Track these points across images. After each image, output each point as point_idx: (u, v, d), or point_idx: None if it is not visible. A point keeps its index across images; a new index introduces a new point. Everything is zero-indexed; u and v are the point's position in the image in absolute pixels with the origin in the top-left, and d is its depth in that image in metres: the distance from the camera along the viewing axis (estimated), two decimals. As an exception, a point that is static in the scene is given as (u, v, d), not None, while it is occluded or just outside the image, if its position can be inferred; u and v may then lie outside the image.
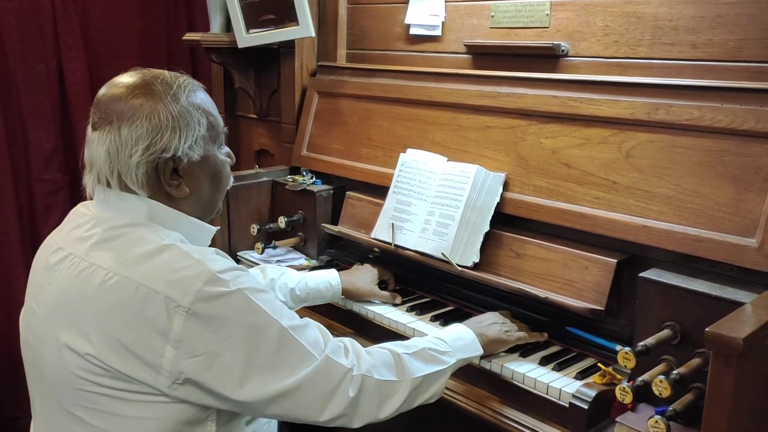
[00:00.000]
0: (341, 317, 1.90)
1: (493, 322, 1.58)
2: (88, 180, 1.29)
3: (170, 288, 1.13)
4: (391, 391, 1.30)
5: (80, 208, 1.33)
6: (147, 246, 1.18)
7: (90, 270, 1.19)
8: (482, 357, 1.53)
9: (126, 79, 1.27)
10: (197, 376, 1.14)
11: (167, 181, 1.26)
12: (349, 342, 1.31)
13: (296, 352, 1.20)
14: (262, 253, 2.15)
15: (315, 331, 1.26)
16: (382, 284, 1.95)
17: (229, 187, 1.40)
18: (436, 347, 1.42)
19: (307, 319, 1.27)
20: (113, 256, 1.18)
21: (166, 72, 1.30)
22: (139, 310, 1.13)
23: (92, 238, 1.23)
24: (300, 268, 2.09)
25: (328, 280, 1.85)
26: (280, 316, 1.20)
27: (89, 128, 1.27)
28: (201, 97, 1.30)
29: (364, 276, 1.91)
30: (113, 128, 1.21)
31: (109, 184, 1.25)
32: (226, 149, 1.38)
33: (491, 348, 1.53)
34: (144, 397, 1.15)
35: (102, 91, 1.27)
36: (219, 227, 1.40)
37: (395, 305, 1.88)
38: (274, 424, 1.46)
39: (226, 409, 1.20)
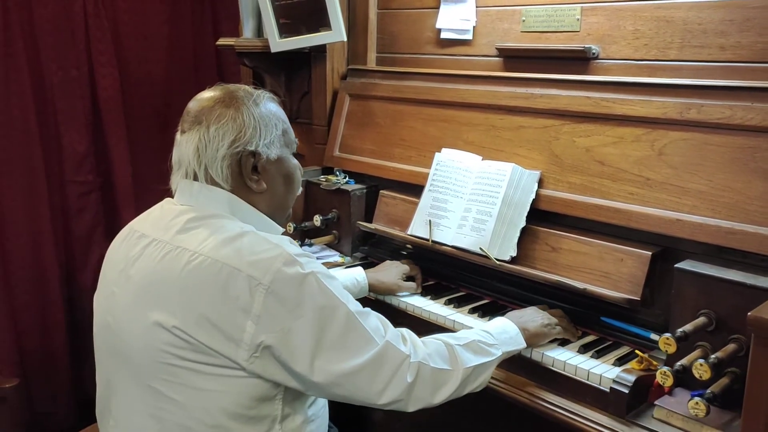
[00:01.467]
0: (382, 311, 1.93)
1: (534, 317, 1.65)
2: (174, 178, 1.42)
3: (252, 268, 1.23)
4: (444, 380, 1.38)
5: (164, 204, 1.44)
6: (228, 232, 1.29)
7: (175, 252, 1.29)
8: (524, 349, 1.59)
9: (213, 92, 1.42)
10: (273, 350, 1.23)
11: (248, 175, 1.39)
12: (406, 331, 1.40)
13: (361, 335, 1.28)
14: (298, 250, 2.22)
15: (375, 319, 1.35)
16: (410, 280, 2.01)
17: (298, 193, 1.53)
18: (485, 340, 1.49)
19: (368, 308, 1.36)
20: (198, 240, 1.29)
21: (245, 85, 1.46)
22: (222, 288, 1.23)
23: (177, 226, 1.34)
24: (335, 265, 2.17)
25: (354, 277, 1.93)
26: (346, 300, 1.30)
27: (178, 134, 1.41)
28: (276, 107, 1.46)
29: (390, 272, 1.99)
30: (202, 127, 1.36)
31: (195, 177, 1.37)
32: (296, 161, 1.51)
33: (533, 341, 1.60)
34: (222, 371, 1.24)
35: (191, 103, 1.42)
36: (284, 230, 1.51)
37: (431, 297, 1.94)
38: (327, 409, 1.54)
39: (294, 387, 1.29)
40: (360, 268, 1.98)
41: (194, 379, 1.25)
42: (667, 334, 1.38)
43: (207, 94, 1.42)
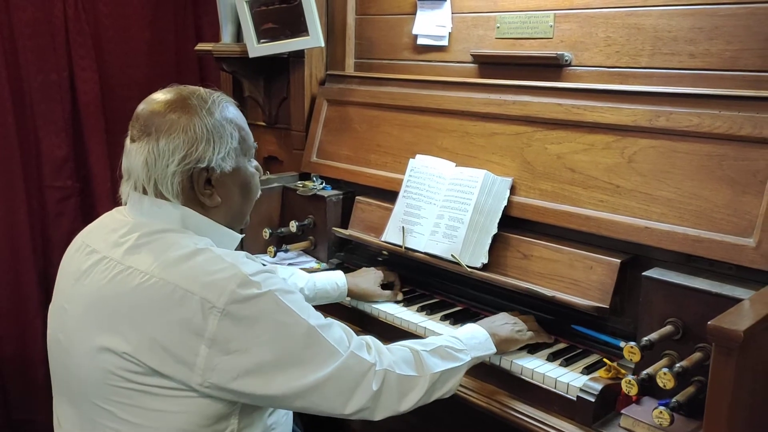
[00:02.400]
0: (354, 318, 1.96)
1: (505, 323, 1.64)
2: (125, 188, 1.36)
3: (205, 290, 1.18)
4: (410, 386, 1.36)
5: (115, 214, 1.39)
6: (182, 250, 1.24)
7: (126, 272, 1.24)
8: (494, 355, 1.58)
9: (164, 95, 1.34)
10: (228, 374, 1.19)
11: (200, 190, 1.32)
12: (371, 339, 1.38)
13: (323, 348, 1.26)
14: (274, 256, 2.21)
15: (339, 329, 1.32)
16: (388, 286, 2.01)
17: (257, 198, 1.47)
18: (452, 345, 1.48)
19: (331, 319, 1.33)
20: (149, 259, 1.24)
21: (201, 88, 1.37)
22: (175, 311, 1.19)
23: (127, 243, 1.28)
24: (310, 271, 2.15)
25: (335, 281, 1.92)
26: (307, 315, 1.26)
27: (127, 140, 1.34)
28: (234, 112, 1.38)
29: (369, 277, 1.98)
30: (152, 140, 1.28)
31: (145, 191, 1.31)
32: (255, 163, 1.45)
33: (503, 347, 1.59)
34: (175, 392, 1.21)
35: (141, 106, 1.34)
36: (244, 235, 1.46)
37: (398, 302, 1.95)
38: (290, 416, 1.52)
39: (254, 404, 1.26)
40: (340, 272, 1.96)
41: (146, 401, 1.21)
42: (632, 343, 1.37)
43: (159, 97, 1.33)
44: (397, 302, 1.96)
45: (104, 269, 1.27)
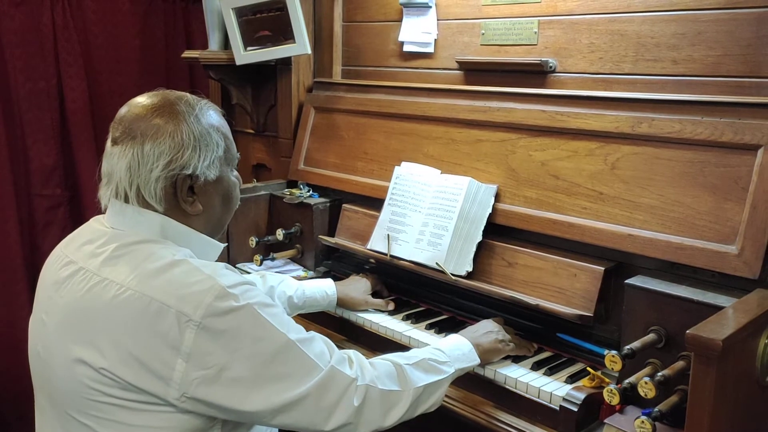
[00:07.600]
0: (340, 327, 1.94)
1: (489, 331, 1.62)
2: (104, 192, 1.32)
3: (182, 303, 1.16)
4: (394, 401, 1.34)
5: (93, 224, 1.37)
6: (159, 261, 1.22)
7: (102, 284, 1.22)
8: (478, 366, 1.57)
9: (150, 99, 1.31)
10: (206, 389, 1.17)
11: (183, 197, 1.30)
12: (353, 354, 1.35)
13: (303, 363, 1.23)
14: (260, 264, 2.20)
15: (321, 343, 1.30)
16: (375, 294, 2.00)
17: (236, 208, 1.45)
18: (436, 358, 1.46)
19: (313, 333, 1.31)
20: (126, 271, 1.22)
21: (187, 94, 1.35)
22: (151, 324, 1.16)
23: (104, 254, 1.25)
24: (297, 279, 2.14)
25: (324, 290, 1.90)
26: (287, 329, 1.24)
27: (108, 143, 1.30)
28: (220, 121, 1.36)
29: (358, 286, 1.97)
30: (136, 143, 1.25)
31: (126, 198, 1.28)
32: (236, 173, 1.43)
33: (487, 357, 1.58)
34: (153, 407, 1.18)
35: (124, 109, 1.31)
36: (226, 244, 1.44)
37: (389, 312, 1.93)
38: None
39: (233, 420, 1.24)
40: (330, 281, 1.95)
41: (123, 415, 1.19)
42: (613, 352, 1.35)
43: (144, 101, 1.30)
44: (389, 312, 1.94)
45: (80, 280, 1.25)
